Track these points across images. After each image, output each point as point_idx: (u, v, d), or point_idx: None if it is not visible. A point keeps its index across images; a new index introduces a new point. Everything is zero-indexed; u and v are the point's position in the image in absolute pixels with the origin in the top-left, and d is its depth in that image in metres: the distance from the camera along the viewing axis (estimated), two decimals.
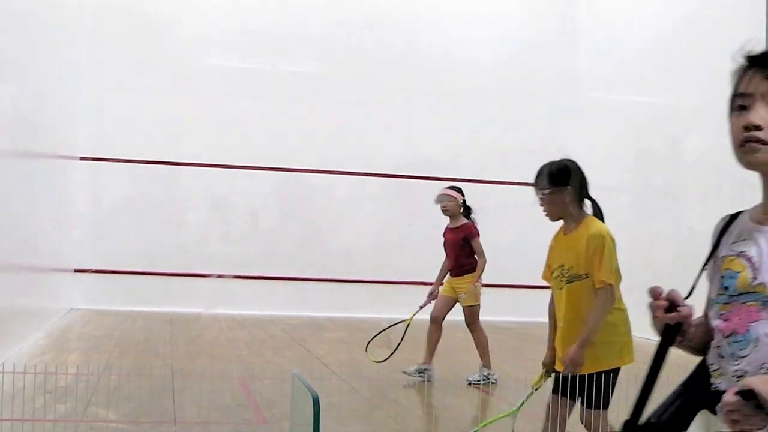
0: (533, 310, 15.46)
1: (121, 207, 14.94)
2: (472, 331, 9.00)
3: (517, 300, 15.47)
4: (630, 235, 14.37)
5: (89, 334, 11.70)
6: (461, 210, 9.02)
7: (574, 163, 4.95)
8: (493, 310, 15.67)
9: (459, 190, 9.13)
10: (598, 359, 4.73)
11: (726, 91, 2.26)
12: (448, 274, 9.16)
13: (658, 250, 13.37)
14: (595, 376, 4.69)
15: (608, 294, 4.72)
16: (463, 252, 8.94)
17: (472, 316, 8.95)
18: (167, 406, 6.97)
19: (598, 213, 4.92)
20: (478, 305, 8.97)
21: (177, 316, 13.72)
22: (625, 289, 4.82)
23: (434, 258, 15.12)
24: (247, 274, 14.96)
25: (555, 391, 4.86)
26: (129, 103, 14.79)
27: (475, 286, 8.88)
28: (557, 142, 16.32)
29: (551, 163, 4.94)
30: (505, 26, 16.32)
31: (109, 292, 14.52)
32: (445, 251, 9.16)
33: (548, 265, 5.01)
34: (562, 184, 4.84)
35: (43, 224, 11.77)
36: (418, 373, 8.72)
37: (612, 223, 4.90)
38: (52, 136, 12.61)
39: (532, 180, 4.96)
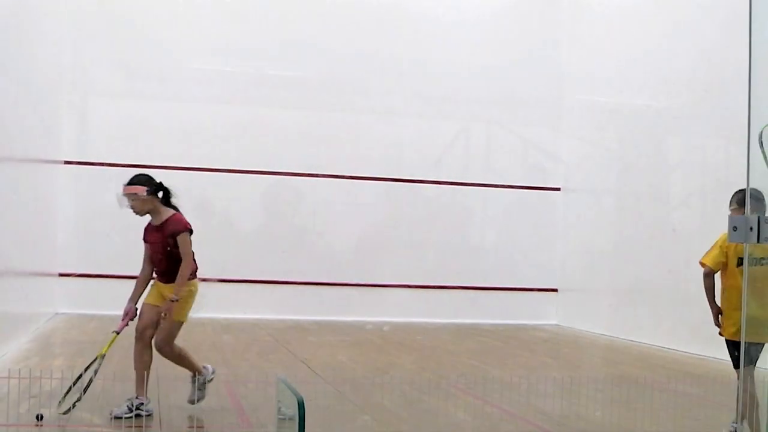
0: (516, 312, 15.75)
1: (106, 211, 14.84)
2: (160, 347, 6.95)
3: (500, 302, 15.51)
4: (613, 237, 14.44)
5: (74, 338, 11.65)
6: (159, 200, 7.22)
7: None
8: (477, 312, 15.79)
9: (145, 180, 7.25)
10: None
11: (709, 93, 2.27)
12: (150, 283, 7.23)
13: (641, 251, 13.40)
14: None
15: None
16: (174, 251, 7.05)
17: (170, 334, 6.98)
18: (152, 410, 6.95)
19: None
20: (182, 322, 7.05)
21: None
22: (608, 290, 4.86)
23: (420, 262, 15.11)
24: (231, 278, 14.93)
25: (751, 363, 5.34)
26: (113, 108, 14.81)
27: (176, 298, 6.91)
28: (541, 144, 16.44)
29: None
30: (490, 30, 16.37)
31: (93, 296, 14.47)
32: (150, 255, 7.18)
33: None
34: None
35: (27, 228, 11.71)
36: (130, 409, 6.63)
37: (596, 225, 4.94)
38: (36, 140, 12.55)
39: (516, 182, 5.05)
